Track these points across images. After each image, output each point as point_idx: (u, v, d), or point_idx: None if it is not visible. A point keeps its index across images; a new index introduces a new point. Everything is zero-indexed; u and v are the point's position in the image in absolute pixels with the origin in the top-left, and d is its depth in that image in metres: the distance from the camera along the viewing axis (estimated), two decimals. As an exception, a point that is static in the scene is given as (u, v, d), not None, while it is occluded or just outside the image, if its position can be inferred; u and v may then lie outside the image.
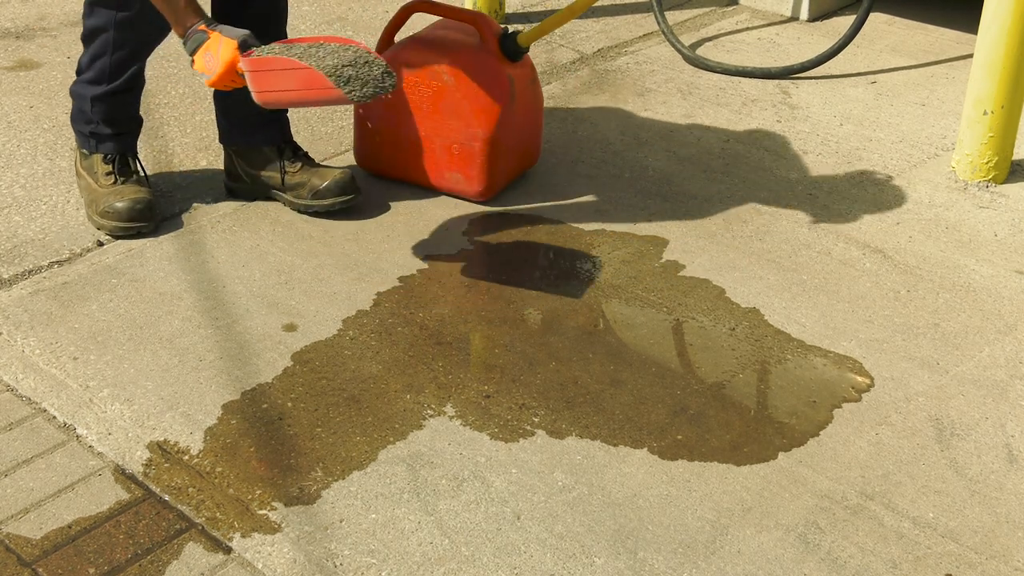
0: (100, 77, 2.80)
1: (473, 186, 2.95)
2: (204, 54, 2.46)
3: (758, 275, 2.73)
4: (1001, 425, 2.29)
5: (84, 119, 2.86)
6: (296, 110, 3.43)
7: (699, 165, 3.21)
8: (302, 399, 2.30)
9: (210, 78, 2.48)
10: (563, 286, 2.67)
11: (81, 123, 2.87)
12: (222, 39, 2.45)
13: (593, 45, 3.94)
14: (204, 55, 2.46)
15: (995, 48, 2.95)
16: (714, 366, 2.43)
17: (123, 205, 2.77)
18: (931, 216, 2.98)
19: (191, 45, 2.49)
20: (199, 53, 2.47)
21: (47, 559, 1.94)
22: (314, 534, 2.00)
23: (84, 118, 2.86)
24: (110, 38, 2.75)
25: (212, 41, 2.46)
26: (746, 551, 1.99)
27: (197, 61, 2.48)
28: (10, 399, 2.29)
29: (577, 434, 2.23)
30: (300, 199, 2.91)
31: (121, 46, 2.76)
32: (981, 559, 1.99)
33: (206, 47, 2.46)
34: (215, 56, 2.45)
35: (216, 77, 2.46)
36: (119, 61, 2.78)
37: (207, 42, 2.46)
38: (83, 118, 2.86)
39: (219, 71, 2.44)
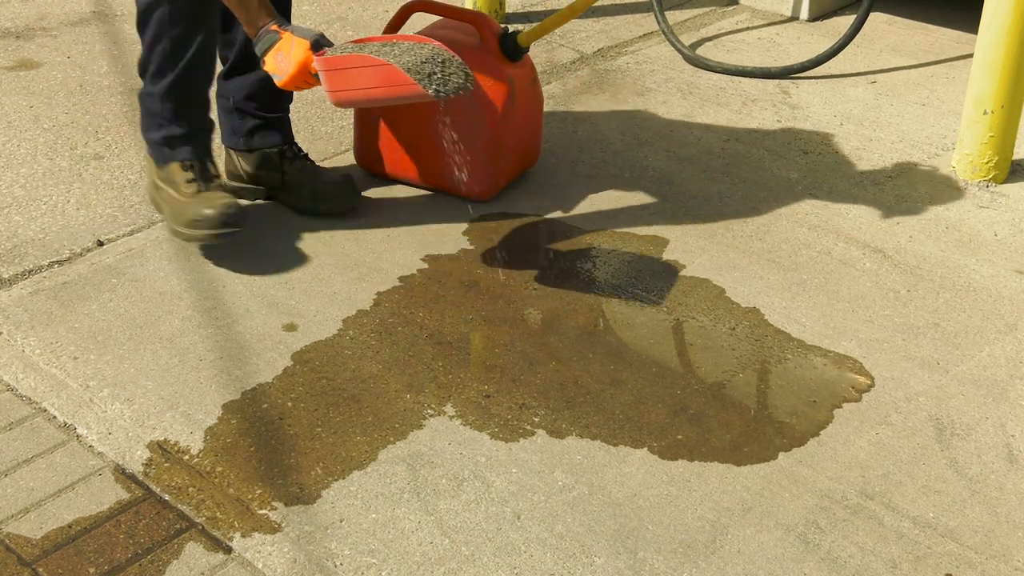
0: (163, 65, 2.64)
1: (473, 186, 2.95)
2: (276, 54, 2.43)
3: (758, 275, 2.73)
4: (1001, 425, 2.29)
5: (155, 124, 2.72)
6: (295, 110, 3.43)
7: (699, 165, 3.21)
8: (302, 399, 2.30)
9: (282, 79, 2.45)
10: (563, 286, 2.67)
11: (152, 130, 2.74)
12: (294, 39, 2.43)
13: (593, 45, 3.95)
14: (276, 55, 2.43)
15: (995, 48, 2.95)
16: (714, 366, 2.43)
17: (214, 211, 2.62)
18: (931, 216, 2.98)
19: (263, 45, 2.46)
20: (270, 54, 2.45)
21: (47, 559, 1.94)
22: (314, 534, 2.00)
23: (155, 123, 2.72)
24: (164, 13, 2.60)
25: (284, 41, 2.44)
26: (746, 551, 1.99)
27: (268, 62, 2.46)
28: (10, 399, 2.29)
29: (577, 434, 2.23)
30: (300, 201, 2.90)
31: (178, 19, 2.61)
32: (981, 559, 1.99)
33: (278, 47, 2.44)
34: (287, 56, 2.43)
35: (288, 78, 2.44)
36: (178, 38, 2.62)
37: (279, 42, 2.44)
38: (153, 123, 2.73)
39: (292, 71, 2.42)
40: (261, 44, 2.46)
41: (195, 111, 2.72)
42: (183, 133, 2.70)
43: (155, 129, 2.71)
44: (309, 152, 3.21)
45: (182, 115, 2.70)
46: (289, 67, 2.42)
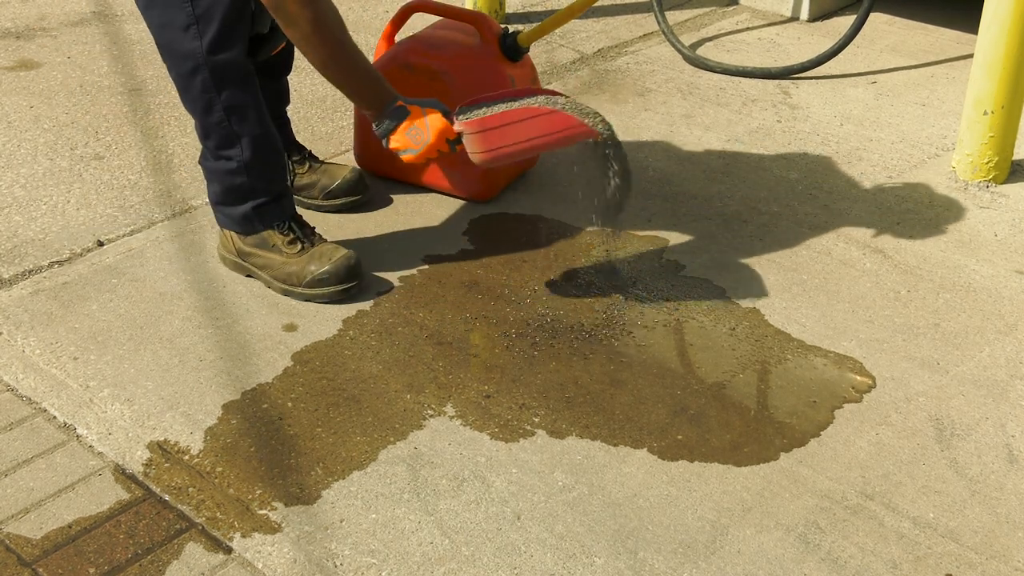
0: (228, 135, 2.51)
1: (473, 186, 2.95)
2: (409, 128, 2.43)
3: (758, 275, 2.73)
4: (1001, 425, 2.29)
5: (237, 197, 2.59)
6: (295, 110, 3.43)
7: (699, 165, 3.21)
8: (302, 399, 2.30)
9: (417, 151, 2.45)
10: (563, 286, 2.67)
11: (233, 203, 2.60)
12: (426, 111, 2.43)
13: (593, 45, 3.95)
14: (409, 129, 2.43)
15: (995, 48, 2.95)
16: (714, 366, 2.43)
17: (334, 267, 2.55)
18: (931, 216, 2.98)
19: (392, 122, 2.44)
20: (401, 129, 2.43)
21: (47, 559, 1.94)
22: (314, 534, 2.00)
23: (237, 196, 2.58)
24: (207, 78, 2.45)
25: (415, 114, 2.44)
26: (746, 551, 1.99)
27: (397, 137, 2.44)
28: (10, 399, 2.29)
29: (577, 434, 2.23)
30: (312, 199, 2.91)
31: (222, 81, 2.46)
32: (981, 559, 1.99)
33: (410, 121, 2.43)
34: (423, 129, 2.43)
35: (426, 148, 2.44)
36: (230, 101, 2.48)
37: (409, 116, 2.44)
38: (234, 196, 2.59)
39: (431, 142, 2.42)
40: (391, 121, 2.44)
41: (278, 171, 2.62)
42: (271, 199, 2.61)
43: (238, 202, 2.59)
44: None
45: (266, 180, 2.59)
46: (427, 138, 2.42)
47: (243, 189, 2.57)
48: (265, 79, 2.83)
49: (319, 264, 2.56)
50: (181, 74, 2.47)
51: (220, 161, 2.55)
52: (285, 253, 2.59)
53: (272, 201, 2.61)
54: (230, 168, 2.55)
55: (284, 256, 2.59)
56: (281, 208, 2.63)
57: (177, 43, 2.44)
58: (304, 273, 2.57)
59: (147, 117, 3.35)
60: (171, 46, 2.46)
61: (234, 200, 2.59)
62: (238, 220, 2.61)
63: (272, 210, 2.61)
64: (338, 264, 2.56)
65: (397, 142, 2.46)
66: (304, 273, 2.57)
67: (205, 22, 2.40)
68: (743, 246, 2.84)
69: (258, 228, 2.61)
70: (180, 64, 2.46)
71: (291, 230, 2.62)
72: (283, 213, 2.63)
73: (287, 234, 2.61)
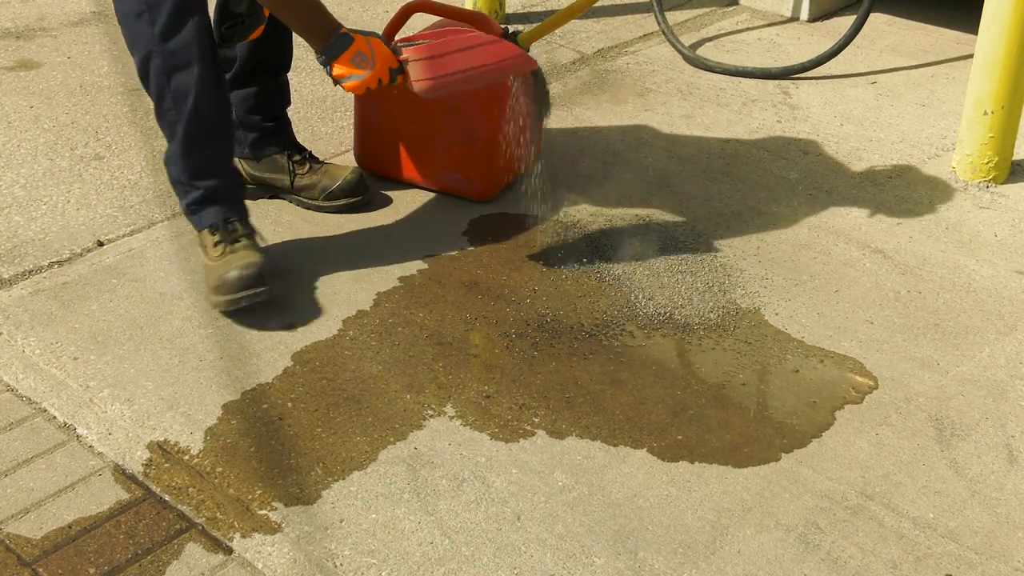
0: (172, 123, 2.51)
1: (473, 186, 2.95)
2: (352, 56, 2.42)
3: (758, 275, 2.73)
4: (1001, 425, 2.29)
5: (180, 191, 2.61)
6: (296, 111, 3.43)
7: (699, 165, 3.21)
8: (302, 399, 2.30)
9: (360, 78, 2.43)
10: (563, 286, 2.67)
11: (181, 198, 2.62)
12: (369, 39, 2.44)
13: (593, 45, 3.95)
14: (353, 56, 2.42)
15: (995, 48, 2.95)
16: (714, 366, 2.43)
17: (232, 275, 2.49)
18: (931, 216, 2.98)
19: (335, 50, 2.42)
20: (344, 57, 2.42)
21: (47, 559, 1.94)
22: (314, 534, 2.00)
23: (179, 191, 2.60)
24: (158, 64, 2.47)
25: (359, 42, 2.43)
26: (746, 551, 1.99)
27: (340, 66, 2.42)
28: (10, 399, 2.29)
29: (577, 434, 2.23)
30: (312, 199, 2.91)
31: (170, 68, 2.47)
32: (981, 559, 1.99)
33: (354, 48, 2.42)
34: (368, 55, 2.42)
35: (370, 75, 2.42)
36: (177, 89, 2.48)
37: (354, 44, 2.43)
38: (179, 191, 2.61)
39: (376, 67, 2.41)
40: (335, 48, 2.42)
41: (212, 166, 2.57)
42: (203, 195, 2.58)
43: (183, 195, 2.59)
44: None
45: (199, 175, 2.56)
46: (371, 64, 2.42)
47: (180, 181, 2.57)
48: (264, 77, 2.83)
49: (223, 270, 2.51)
50: (138, 63, 2.51)
51: (168, 151, 2.58)
52: (211, 256, 2.56)
53: (205, 198, 2.57)
54: (170, 157, 2.57)
55: (211, 260, 2.56)
56: (215, 206, 2.58)
57: (133, 31, 2.48)
58: (214, 278, 2.52)
59: (147, 117, 3.34)
60: (129, 35, 2.50)
61: (178, 193, 2.62)
62: (187, 217, 2.64)
63: (205, 206, 2.58)
64: (238, 270, 2.50)
65: (341, 68, 2.44)
66: (214, 278, 2.52)
67: (155, 9, 2.43)
68: (743, 246, 2.84)
69: (198, 224, 2.60)
70: (138, 52, 2.49)
71: (217, 231, 2.57)
72: (215, 213, 2.58)
73: (214, 234, 2.57)
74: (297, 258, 2.74)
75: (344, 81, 2.46)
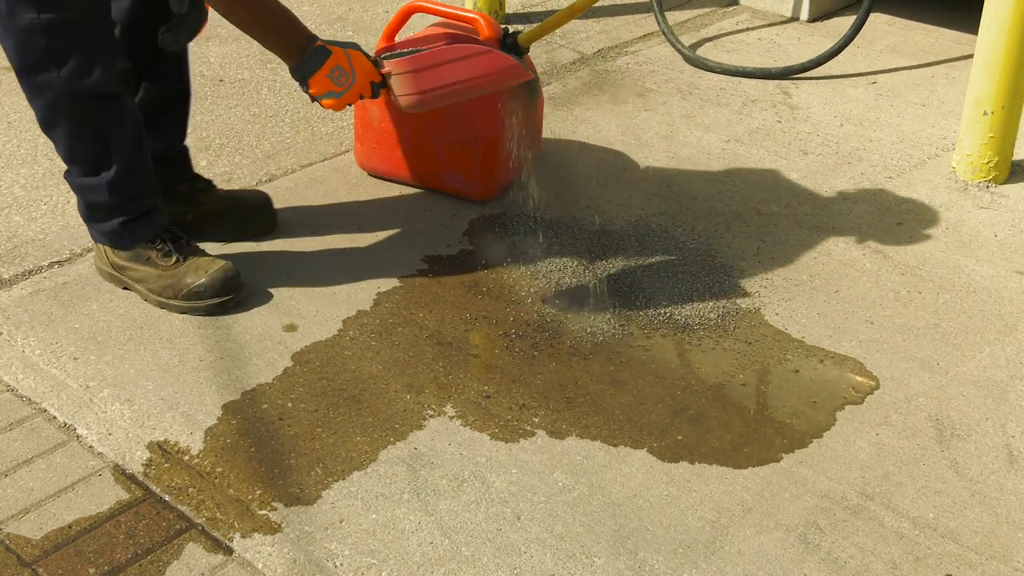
0: (97, 155, 2.40)
1: (473, 186, 2.95)
2: (331, 70, 2.28)
3: (758, 275, 2.73)
4: (1001, 425, 2.29)
5: (105, 214, 2.49)
6: (295, 110, 3.43)
7: (699, 165, 3.21)
8: (302, 399, 2.30)
9: (340, 95, 2.31)
10: (563, 286, 2.67)
11: (102, 220, 2.51)
12: (348, 51, 2.29)
13: (593, 45, 3.94)
14: (332, 71, 2.28)
15: (995, 48, 2.95)
16: (714, 366, 2.43)
17: (210, 280, 2.47)
18: (931, 216, 2.98)
19: (312, 65, 2.29)
20: (321, 72, 2.29)
21: (47, 559, 1.94)
22: (314, 534, 2.00)
23: (105, 213, 2.49)
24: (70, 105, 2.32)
25: (337, 56, 2.29)
26: (746, 551, 1.99)
27: (319, 81, 2.30)
28: (10, 399, 2.29)
29: (577, 434, 2.23)
30: (225, 228, 2.73)
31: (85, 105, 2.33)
32: (981, 559, 1.99)
33: (332, 63, 2.28)
34: (348, 69, 2.29)
35: (350, 92, 2.30)
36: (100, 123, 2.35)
37: (331, 57, 2.29)
38: (104, 213, 2.49)
39: (356, 83, 2.28)
40: (310, 64, 2.30)
41: (146, 184, 2.51)
42: (143, 212, 2.51)
43: (105, 219, 2.50)
44: (309, 152, 3.21)
45: (136, 195, 2.49)
46: (351, 80, 2.29)
47: (108, 207, 2.48)
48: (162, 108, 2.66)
49: (195, 276, 2.48)
50: (41, 105, 2.36)
51: (83, 178, 2.46)
52: (160, 266, 2.51)
53: (145, 213, 2.51)
54: (92, 184, 2.45)
55: (159, 269, 2.51)
56: (151, 222, 2.52)
57: (34, 71, 2.31)
58: (180, 286, 2.49)
59: (147, 117, 3.34)
60: (28, 75, 2.32)
61: (101, 216, 2.50)
62: (109, 235, 2.52)
63: (142, 225, 2.51)
64: (215, 276, 2.48)
65: (318, 85, 2.31)
66: (180, 286, 2.49)
67: (62, 51, 2.27)
68: (743, 246, 2.84)
69: (131, 241, 2.51)
70: (39, 93, 2.34)
71: (164, 242, 2.52)
72: (154, 227, 2.52)
73: (161, 247, 2.52)
74: (297, 258, 2.74)
75: (322, 98, 2.36)
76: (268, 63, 3.73)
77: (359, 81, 2.32)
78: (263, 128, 3.34)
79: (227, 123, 3.36)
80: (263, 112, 3.43)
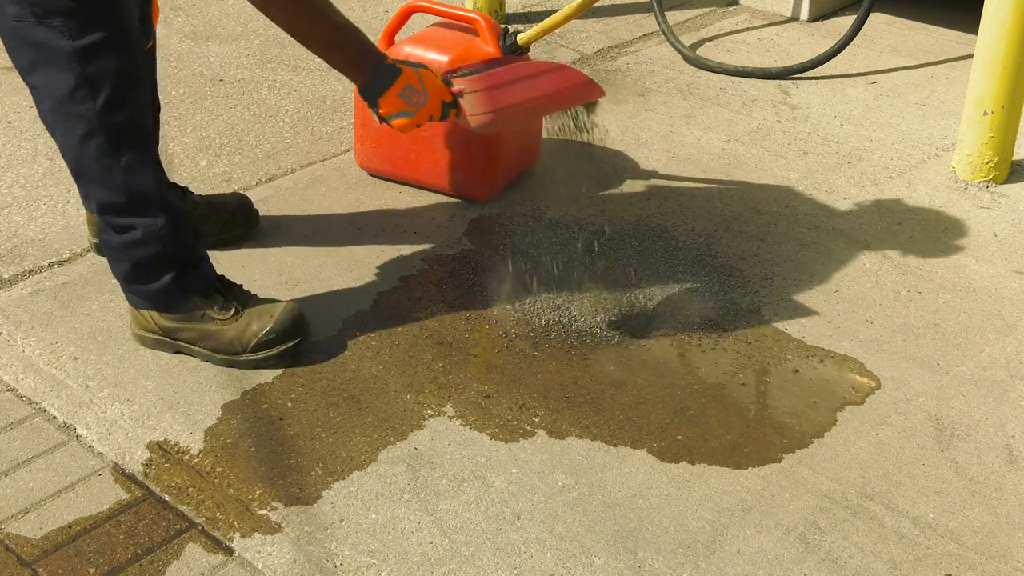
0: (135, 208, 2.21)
1: (473, 186, 2.95)
2: (403, 89, 2.16)
3: (758, 275, 2.73)
4: (1001, 425, 2.29)
5: (151, 270, 2.28)
6: (295, 110, 3.43)
7: (699, 165, 3.20)
8: (302, 399, 2.30)
9: (411, 115, 2.19)
10: (563, 286, 2.67)
11: (147, 280, 2.30)
12: (419, 70, 2.18)
13: (593, 45, 3.94)
14: (403, 90, 2.16)
15: (995, 48, 2.95)
16: (714, 366, 2.43)
17: (279, 324, 2.30)
18: (931, 216, 2.98)
19: (382, 83, 2.17)
20: (392, 91, 2.17)
21: (47, 559, 1.94)
22: (314, 534, 2.00)
23: (150, 269, 2.28)
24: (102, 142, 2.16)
25: (408, 75, 2.18)
26: (746, 551, 1.99)
27: (389, 101, 2.18)
28: (10, 399, 2.29)
29: (577, 434, 2.23)
30: (208, 234, 2.60)
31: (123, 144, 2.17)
32: (981, 559, 1.99)
33: (402, 81, 2.17)
34: (419, 88, 2.16)
35: (422, 112, 2.18)
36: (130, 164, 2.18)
37: (401, 76, 2.17)
38: (148, 270, 2.28)
39: (427, 103, 2.16)
40: (381, 82, 2.18)
41: (191, 233, 2.34)
42: (191, 265, 2.33)
43: (154, 278, 2.30)
44: (309, 152, 3.22)
45: (183, 246, 2.30)
46: (423, 99, 2.17)
47: (158, 261, 2.28)
48: None
49: (260, 324, 2.31)
50: (71, 142, 2.20)
51: (126, 233, 2.26)
52: (218, 320, 2.32)
53: (192, 268, 2.33)
54: (136, 239, 2.25)
55: (218, 324, 2.32)
56: (202, 273, 2.35)
57: (65, 106, 2.15)
58: (247, 337, 2.31)
59: (147, 117, 3.34)
60: (59, 109, 2.17)
61: (148, 276, 2.30)
62: (157, 296, 2.32)
63: (194, 278, 2.33)
64: (282, 320, 2.32)
65: (389, 105, 2.20)
66: (247, 337, 2.31)
67: (96, 82, 2.13)
68: (743, 246, 2.84)
69: (182, 301, 2.31)
70: (69, 129, 2.18)
71: (219, 293, 2.35)
72: (207, 278, 2.36)
73: (216, 296, 2.34)
74: (297, 258, 2.74)
75: (392, 119, 2.22)
76: (268, 63, 3.73)
77: (431, 100, 2.20)
78: (263, 128, 3.34)
79: (227, 123, 3.36)
80: (263, 112, 3.43)
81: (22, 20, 2.10)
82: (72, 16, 2.08)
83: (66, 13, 2.07)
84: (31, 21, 2.09)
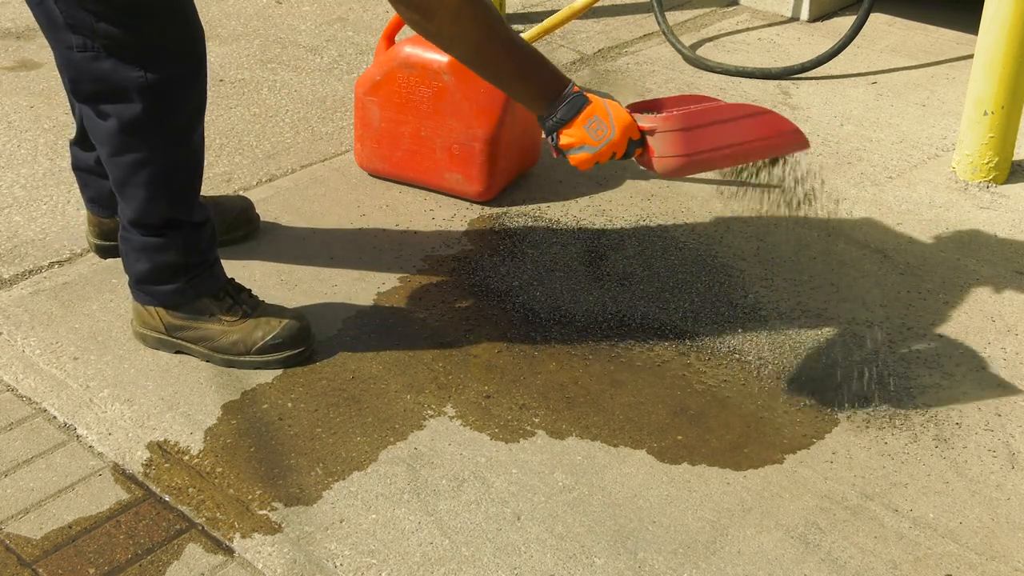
0: (169, 218, 2.24)
1: (473, 186, 2.95)
2: (589, 120, 2.01)
3: (759, 275, 2.73)
4: (1001, 425, 2.29)
5: (169, 273, 2.30)
6: (295, 110, 3.43)
7: (699, 165, 3.20)
8: (302, 399, 2.30)
9: (596, 150, 2.03)
10: (563, 286, 2.67)
11: (163, 281, 2.31)
12: (607, 101, 2.03)
13: (593, 45, 3.95)
14: (590, 121, 2.01)
15: (995, 48, 2.95)
16: (714, 367, 2.43)
17: (286, 330, 2.33)
18: (932, 216, 2.98)
19: (570, 112, 2.03)
20: (578, 121, 2.02)
21: (47, 559, 1.94)
22: (314, 534, 2.00)
23: (168, 272, 2.29)
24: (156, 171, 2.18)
25: (596, 106, 2.02)
26: (746, 551, 1.99)
27: (573, 132, 2.03)
28: (10, 399, 2.29)
29: (577, 434, 2.23)
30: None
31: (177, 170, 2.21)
32: (981, 560, 1.99)
33: (590, 111, 2.01)
34: (607, 121, 2.01)
35: (607, 147, 2.02)
36: (181, 187, 2.22)
37: (588, 107, 2.02)
38: (166, 273, 2.30)
39: (615, 138, 2.00)
40: (567, 111, 2.03)
41: (209, 237, 2.35)
42: (206, 268, 2.34)
43: (169, 280, 2.31)
44: (309, 153, 3.21)
45: (199, 251, 2.32)
46: (611, 133, 2.01)
47: (177, 266, 2.30)
48: None
49: (267, 329, 2.34)
50: (121, 161, 2.20)
51: (150, 238, 2.27)
52: (224, 322, 2.34)
53: (206, 271, 2.34)
54: (160, 244, 2.27)
55: (224, 325, 2.34)
56: (215, 275, 2.36)
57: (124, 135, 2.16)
58: (252, 340, 2.33)
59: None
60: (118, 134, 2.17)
61: (164, 278, 2.32)
62: (168, 296, 2.33)
63: (207, 280, 2.34)
64: (288, 327, 2.34)
65: (571, 136, 2.04)
66: (252, 340, 2.33)
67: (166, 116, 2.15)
68: (743, 246, 2.84)
69: (192, 300, 2.33)
70: (121, 154, 2.19)
71: (229, 295, 2.36)
72: (219, 281, 2.37)
73: (225, 299, 2.35)
74: (297, 258, 2.74)
75: (572, 153, 2.06)
76: (268, 63, 3.73)
77: (618, 135, 2.02)
78: (263, 128, 3.34)
79: (227, 123, 3.36)
80: (263, 112, 3.43)
81: (85, 50, 2.10)
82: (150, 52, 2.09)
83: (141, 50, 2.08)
84: (101, 54, 2.09)
